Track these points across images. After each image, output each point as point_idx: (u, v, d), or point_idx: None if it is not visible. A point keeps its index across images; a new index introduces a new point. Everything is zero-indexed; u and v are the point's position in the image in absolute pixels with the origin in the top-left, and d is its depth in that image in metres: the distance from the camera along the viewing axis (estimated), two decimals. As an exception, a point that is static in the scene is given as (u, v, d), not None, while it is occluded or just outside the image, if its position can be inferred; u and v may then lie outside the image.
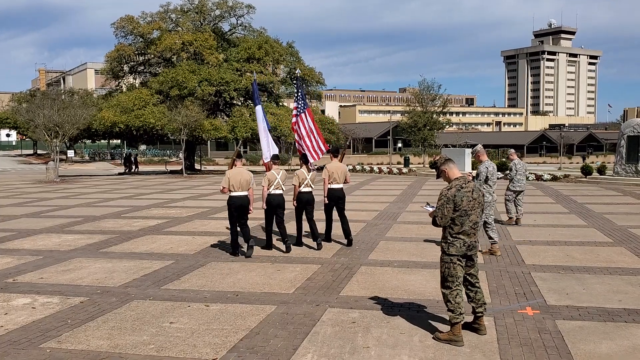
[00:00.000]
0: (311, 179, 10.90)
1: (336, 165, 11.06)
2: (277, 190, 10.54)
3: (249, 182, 10.08)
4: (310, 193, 10.96)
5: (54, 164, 32.62)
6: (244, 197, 10.05)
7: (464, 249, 5.84)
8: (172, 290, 7.88)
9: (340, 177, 11.00)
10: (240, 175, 9.99)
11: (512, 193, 13.65)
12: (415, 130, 48.58)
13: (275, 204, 10.52)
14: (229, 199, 10.14)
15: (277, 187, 10.52)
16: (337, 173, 10.97)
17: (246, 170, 10.19)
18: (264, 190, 10.45)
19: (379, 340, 5.86)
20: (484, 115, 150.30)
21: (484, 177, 10.14)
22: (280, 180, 10.53)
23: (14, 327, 6.38)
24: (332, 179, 10.93)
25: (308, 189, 10.90)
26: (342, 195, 11.11)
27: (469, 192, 5.85)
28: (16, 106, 53.88)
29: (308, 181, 10.86)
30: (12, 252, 10.66)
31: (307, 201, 10.90)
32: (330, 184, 10.95)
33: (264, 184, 10.47)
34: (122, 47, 39.64)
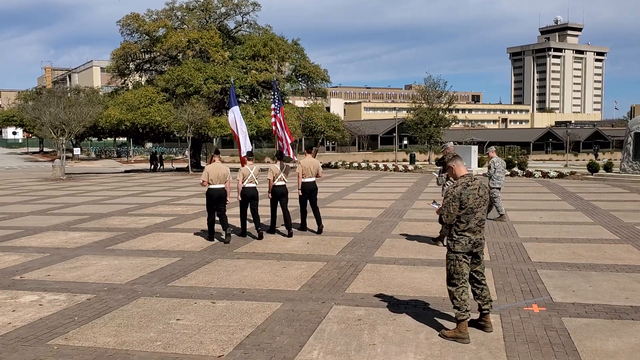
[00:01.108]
0: (285, 173, 11.89)
1: (309, 161, 12.10)
2: (250, 184, 11.51)
3: (226, 176, 11.21)
4: (284, 186, 11.98)
5: (61, 162, 32.76)
6: (221, 189, 11.15)
7: (470, 247, 5.84)
8: (179, 287, 7.90)
9: (313, 171, 12.05)
10: (217, 169, 11.10)
11: (497, 190, 13.74)
12: (421, 127, 48.56)
13: (249, 196, 11.49)
14: (207, 191, 11.21)
15: (250, 180, 11.50)
16: (310, 168, 12.01)
17: (223, 165, 11.39)
18: (239, 183, 11.46)
19: (385, 338, 5.87)
20: (490, 112, 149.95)
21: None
22: (254, 175, 11.50)
23: (21, 324, 6.42)
24: (305, 173, 11.94)
25: (282, 182, 11.90)
26: (314, 187, 12.17)
27: (475, 190, 5.84)
28: (22, 104, 54.13)
29: (282, 175, 11.83)
30: (19, 250, 10.72)
31: (280, 194, 11.90)
32: (304, 178, 11.98)
33: (239, 177, 11.49)
34: (128, 44, 39.70)
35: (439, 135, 49.63)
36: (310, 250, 10.29)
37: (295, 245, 10.78)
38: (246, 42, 40.69)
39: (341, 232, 12.23)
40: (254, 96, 41.80)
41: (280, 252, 10.17)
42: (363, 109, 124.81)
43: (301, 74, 42.17)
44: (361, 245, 10.76)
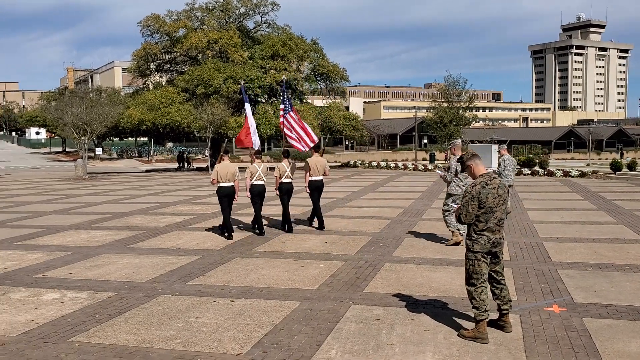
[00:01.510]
0: (291, 171, 12.43)
1: (316, 160, 12.67)
2: (259, 181, 11.99)
3: (235, 175, 11.70)
4: (290, 183, 12.55)
5: (83, 162, 33.17)
6: (230, 187, 11.65)
7: (489, 246, 5.79)
8: (198, 286, 7.96)
9: (320, 170, 12.62)
10: (227, 168, 11.63)
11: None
12: (441, 126, 48.19)
13: (257, 192, 11.98)
14: (218, 189, 11.69)
15: (258, 178, 11.99)
16: (317, 167, 12.59)
17: (232, 164, 11.87)
18: (247, 181, 11.94)
19: (403, 337, 5.85)
20: (511, 110, 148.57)
21: (454, 171, 10.58)
22: (261, 172, 12.00)
23: (44, 321, 6.52)
24: (312, 171, 12.52)
25: (288, 179, 12.44)
26: (320, 185, 12.73)
27: (494, 189, 5.79)
28: (45, 104, 54.88)
29: (288, 173, 12.36)
30: (42, 248, 10.89)
31: (286, 190, 12.45)
32: (311, 176, 12.55)
33: (247, 175, 11.98)
34: (149, 45, 40.06)
35: (459, 134, 49.14)
36: (328, 250, 10.30)
37: (314, 245, 10.80)
38: (265, 42, 40.81)
39: (360, 231, 12.22)
40: (273, 96, 41.89)
41: (299, 252, 10.19)
42: (382, 107, 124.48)
43: (320, 73, 42.18)
44: (380, 244, 10.73)
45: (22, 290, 7.87)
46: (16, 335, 6.07)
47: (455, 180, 10.62)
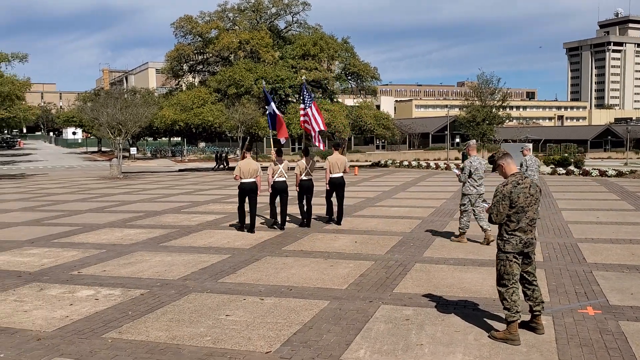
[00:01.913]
0: (310, 168, 12.81)
1: (337, 157, 12.94)
2: (280, 178, 12.54)
3: (256, 171, 12.14)
4: (310, 180, 12.87)
5: (118, 161, 33.81)
6: (252, 183, 12.13)
7: (521, 246, 5.70)
8: (229, 284, 8.03)
9: (340, 167, 12.90)
10: (249, 165, 12.09)
11: None
12: (473, 125, 47.61)
13: (279, 189, 12.54)
14: (239, 185, 12.19)
15: (280, 175, 12.54)
16: (337, 164, 12.88)
17: (254, 161, 12.33)
18: (269, 177, 12.56)
19: (433, 338, 5.80)
20: (545, 109, 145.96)
21: (468, 171, 10.70)
22: (283, 170, 12.53)
23: (78, 318, 6.66)
24: (333, 169, 12.80)
25: (308, 177, 12.81)
26: (342, 182, 13.00)
27: (525, 188, 5.70)
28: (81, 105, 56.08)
29: (308, 170, 12.74)
30: (77, 246, 11.13)
31: (307, 188, 12.80)
32: (332, 173, 12.84)
33: (269, 172, 12.59)
34: (182, 46, 40.64)
35: (492, 133, 48.52)
36: (358, 249, 10.28)
37: (343, 244, 10.79)
38: (296, 41, 41.00)
39: (390, 231, 12.16)
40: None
41: (328, 251, 10.20)
42: (414, 106, 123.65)
43: (351, 72, 42.16)
44: (410, 244, 10.67)
45: (57, 287, 8.06)
46: (51, 331, 6.21)
47: (469, 180, 10.73)
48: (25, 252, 10.58)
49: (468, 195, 10.79)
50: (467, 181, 10.76)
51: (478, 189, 10.77)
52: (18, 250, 10.77)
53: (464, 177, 10.80)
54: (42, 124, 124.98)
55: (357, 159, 55.15)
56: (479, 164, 10.72)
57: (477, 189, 10.77)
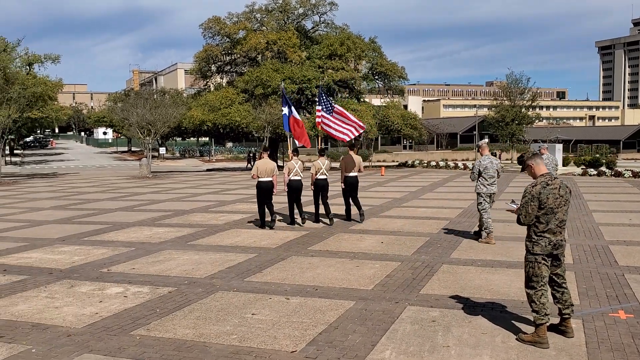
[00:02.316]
0: (326, 168, 13.26)
1: (351, 157, 13.37)
2: (296, 177, 13.03)
3: (273, 170, 12.67)
4: (326, 180, 13.31)
5: (147, 161, 34.27)
6: (268, 182, 12.65)
7: (550, 248, 5.61)
8: (255, 283, 8.08)
9: (355, 167, 13.32)
10: (266, 165, 12.65)
11: None
12: (502, 125, 47.06)
13: (295, 187, 13.04)
14: (257, 183, 12.77)
15: (296, 174, 13.03)
16: (352, 164, 13.27)
17: (271, 161, 12.82)
18: (285, 176, 13.05)
19: (459, 340, 5.75)
20: (576, 109, 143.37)
21: (477, 170, 10.84)
22: (299, 169, 13.04)
23: (107, 314, 6.77)
24: (347, 168, 13.20)
25: (323, 176, 13.27)
26: (356, 181, 13.38)
27: (555, 189, 5.60)
28: (112, 105, 57.07)
29: (323, 170, 13.21)
30: (107, 244, 11.31)
31: (322, 186, 13.24)
32: (346, 173, 13.24)
33: (285, 171, 13.11)
34: (210, 47, 40.95)
35: (521, 134, 47.87)
36: (384, 250, 10.24)
37: (369, 245, 10.76)
38: (323, 41, 40.98)
39: (416, 232, 12.09)
40: (330, 95, 42.02)
41: (354, 251, 10.18)
42: (442, 106, 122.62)
43: (378, 72, 41.97)
44: (437, 245, 10.58)
45: (87, 284, 8.20)
46: (81, 327, 6.33)
47: (480, 179, 10.86)
48: (57, 250, 10.80)
49: (481, 194, 10.88)
50: (478, 180, 10.87)
51: (489, 187, 10.85)
52: (50, 248, 10.99)
53: (473, 176, 10.97)
54: (73, 124, 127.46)
55: (384, 159, 54.96)
56: (489, 163, 10.78)
57: (488, 188, 10.85)
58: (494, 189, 10.89)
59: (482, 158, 10.92)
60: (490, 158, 10.91)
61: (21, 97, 29.14)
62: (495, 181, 10.88)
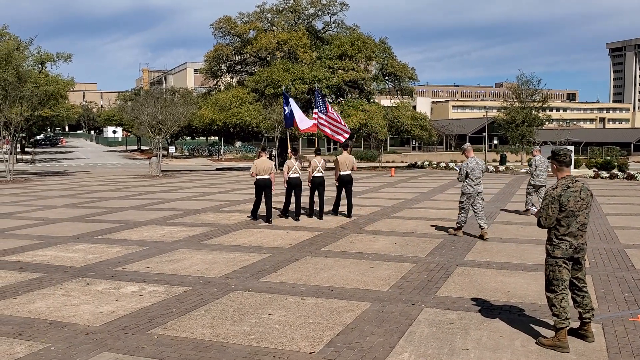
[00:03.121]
0: (322, 167, 14.08)
1: (345, 157, 14.26)
2: (294, 174, 13.87)
3: (271, 169, 13.59)
4: (322, 177, 14.14)
5: (157, 160, 34.35)
6: (267, 179, 13.56)
7: (571, 252, 5.57)
8: (270, 283, 8.07)
9: (349, 165, 14.18)
10: (264, 163, 13.56)
11: (531, 187, 14.80)
12: (512, 126, 46.92)
13: (293, 184, 13.91)
14: (256, 181, 13.65)
15: (294, 172, 13.87)
16: (346, 163, 14.17)
17: (269, 160, 13.75)
18: (285, 174, 13.90)
19: (478, 343, 5.71)
20: (587, 111, 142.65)
21: (465, 172, 11.42)
22: (297, 167, 13.85)
23: (124, 313, 6.78)
24: (342, 167, 14.10)
25: (320, 174, 14.09)
26: (349, 179, 14.26)
27: (576, 192, 5.56)
28: (122, 104, 57.31)
29: (319, 168, 14.04)
30: (121, 242, 11.35)
31: (319, 183, 14.08)
32: (341, 171, 14.14)
33: (284, 169, 13.95)
34: (221, 47, 41.00)
35: (531, 135, 47.70)
36: (398, 251, 10.21)
37: (383, 246, 10.73)
38: (333, 42, 40.95)
39: (429, 233, 12.05)
40: (340, 95, 41.99)
41: (368, 252, 10.15)
42: (451, 107, 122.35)
43: (388, 73, 41.89)
44: (451, 247, 10.54)
45: (103, 283, 8.23)
46: (99, 325, 6.34)
47: (467, 180, 11.47)
48: (71, 248, 10.84)
49: (466, 194, 11.52)
50: (465, 181, 11.49)
51: (475, 188, 11.47)
52: (64, 246, 11.04)
53: (460, 177, 11.54)
54: (83, 122, 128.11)
55: (393, 159, 54.87)
56: (475, 164, 11.41)
57: (475, 188, 11.46)
58: (480, 189, 11.52)
59: (468, 160, 11.47)
60: (476, 159, 11.51)
61: (33, 96, 29.25)
62: (481, 181, 11.54)
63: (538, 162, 14.72)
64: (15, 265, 9.34)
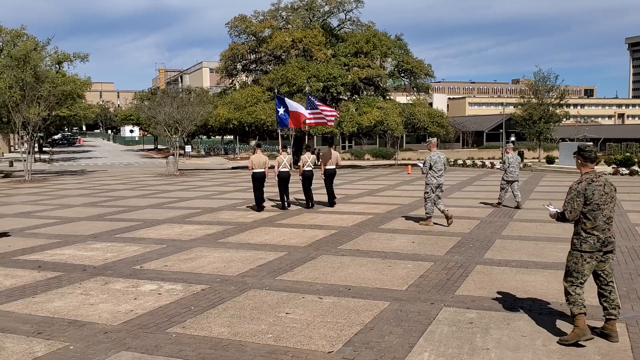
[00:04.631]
0: (312, 162, 15.94)
1: (330, 153, 16.09)
2: (284, 169, 15.58)
3: (265, 163, 15.32)
4: (311, 171, 15.95)
5: (174, 158, 34.51)
6: (261, 173, 15.27)
7: (599, 245, 5.59)
8: (287, 281, 8.04)
9: (333, 160, 16.09)
10: (259, 158, 15.31)
11: (505, 182, 15.72)
12: (529, 123, 46.41)
13: (283, 177, 15.56)
14: (252, 174, 15.39)
15: (284, 166, 15.57)
16: (331, 158, 16.04)
17: (263, 155, 15.47)
18: (275, 168, 15.64)
19: (499, 342, 5.63)
20: (605, 107, 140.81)
21: (429, 164, 12.49)
22: (287, 162, 15.59)
23: (142, 312, 6.79)
24: (327, 162, 15.98)
25: (309, 168, 15.88)
26: (333, 173, 16.16)
27: (600, 186, 5.59)
28: (139, 104, 57.64)
29: (309, 163, 15.88)
30: (139, 241, 11.39)
31: (308, 176, 15.86)
32: (326, 166, 16.00)
33: (275, 164, 15.67)
34: (236, 46, 41.07)
35: (549, 132, 47.14)
36: (416, 250, 10.12)
37: (400, 244, 10.65)
38: (349, 39, 40.81)
39: (448, 231, 11.94)
40: (355, 93, 41.84)
41: (385, 251, 10.08)
42: (467, 104, 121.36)
43: (404, 70, 41.68)
44: (470, 245, 10.43)
45: (121, 281, 8.25)
46: (117, 324, 6.35)
47: (430, 172, 12.49)
48: (89, 247, 10.90)
49: (430, 184, 12.54)
50: (429, 173, 12.49)
51: (438, 179, 12.52)
52: (82, 245, 11.11)
53: (425, 169, 12.59)
54: (100, 121, 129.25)
55: (409, 157, 54.58)
56: (437, 157, 12.54)
57: (437, 180, 12.51)
58: (442, 180, 12.60)
59: (432, 153, 12.59)
60: (438, 153, 12.64)
61: (51, 95, 29.49)
62: (442, 173, 12.57)
63: (510, 159, 15.70)
64: (34, 264, 9.41)
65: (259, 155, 15.38)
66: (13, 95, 27.99)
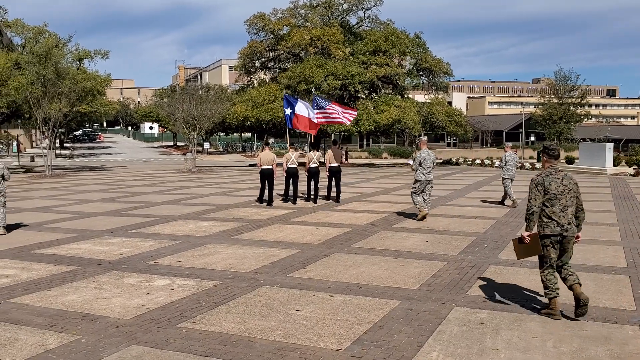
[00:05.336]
0: (317, 159, 16.61)
1: (334, 151, 16.83)
2: (292, 165, 16.30)
3: (273, 160, 16.08)
4: (317, 167, 16.61)
5: (192, 155, 34.76)
6: (269, 169, 15.99)
7: (558, 229, 6.27)
8: (298, 279, 8.06)
9: (337, 159, 16.75)
10: (267, 155, 16.09)
11: (508, 180, 15.98)
12: (550, 123, 46.01)
13: (291, 173, 16.34)
14: (260, 170, 16.14)
15: (292, 163, 16.30)
16: (335, 156, 16.74)
17: (272, 153, 16.30)
18: (284, 165, 16.31)
19: (509, 343, 5.59)
20: (628, 107, 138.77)
21: (418, 161, 13.14)
22: (294, 159, 16.36)
23: (154, 307, 6.85)
24: (331, 160, 16.69)
25: (315, 164, 16.55)
26: (337, 170, 16.76)
27: (558, 179, 6.34)
28: (158, 101, 58.06)
29: (315, 160, 16.53)
30: (154, 236, 11.49)
31: (314, 173, 16.53)
32: (330, 163, 16.69)
33: (283, 161, 16.37)
34: (254, 43, 41.21)
35: (569, 132, 46.74)
36: (429, 249, 10.08)
37: (414, 243, 10.61)
38: (367, 37, 40.73)
39: (462, 231, 11.87)
40: (374, 91, 41.73)
41: (398, 250, 10.05)
42: (487, 103, 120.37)
43: (422, 68, 41.48)
44: (484, 245, 10.36)
45: (135, 276, 8.34)
46: (129, 319, 6.42)
47: (419, 169, 13.13)
48: (105, 242, 11.03)
49: (419, 181, 13.19)
50: (418, 169, 13.13)
51: (427, 176, 13.18)
52: (98, 240, 11.24)
53: (415, 166, 13.23)
54: (121, 118, 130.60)
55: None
56: (427, 155, 13.17)
57: (426, 176, 13.17)
58: (431, 177, 13.25)
59: (421, 151, 13.26)
60: (428, 151, 13.26)
61: (72, 92, 29.88)
62: (431, 170, 13.24)
63: (508, 157, 16.18)
64: (50, 258, 9.55)
65: (267, 153, 16.15)
66: (34, 91, 28.41)
